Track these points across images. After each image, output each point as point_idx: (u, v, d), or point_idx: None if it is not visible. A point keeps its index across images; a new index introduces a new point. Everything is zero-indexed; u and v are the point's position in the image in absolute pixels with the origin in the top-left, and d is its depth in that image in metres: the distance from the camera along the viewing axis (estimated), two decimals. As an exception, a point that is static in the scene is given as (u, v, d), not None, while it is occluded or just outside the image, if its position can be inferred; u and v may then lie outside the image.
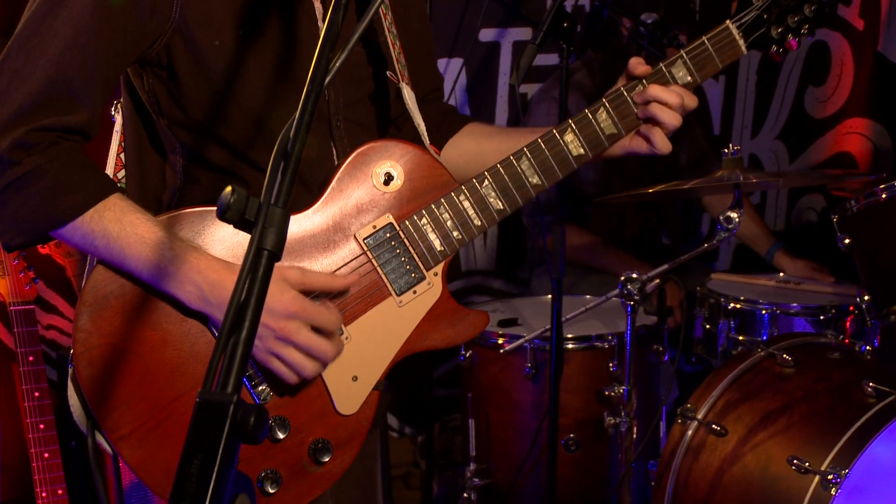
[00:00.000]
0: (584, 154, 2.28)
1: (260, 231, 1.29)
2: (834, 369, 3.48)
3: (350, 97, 2.27)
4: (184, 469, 1.20)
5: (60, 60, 1.97)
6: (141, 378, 2.05)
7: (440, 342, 2.25)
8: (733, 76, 6.17)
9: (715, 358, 4.49)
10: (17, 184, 1.96)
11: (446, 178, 2.26)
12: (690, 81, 2.30)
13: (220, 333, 1.27)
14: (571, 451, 3.97)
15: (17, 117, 1.96)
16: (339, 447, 2.16)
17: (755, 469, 3.28)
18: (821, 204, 6.37)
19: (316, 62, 1.40)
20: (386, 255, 2.19)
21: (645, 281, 3.56)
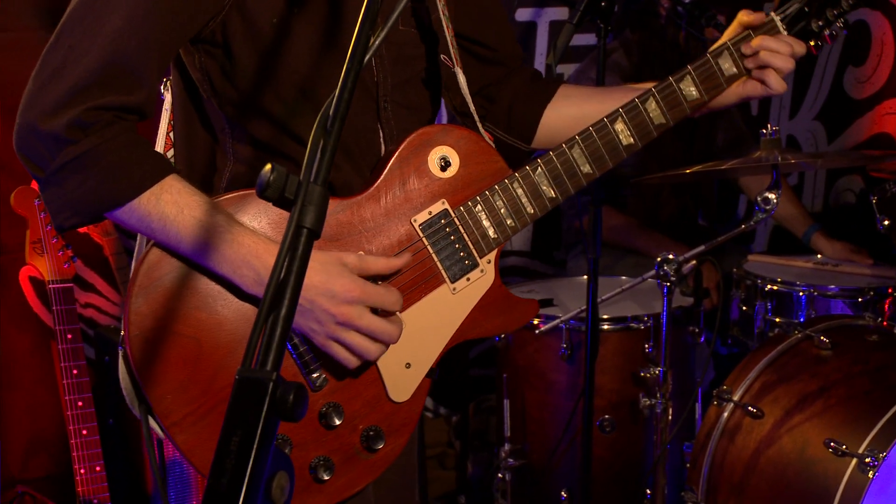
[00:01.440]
0: (633, 143, 2.30)
1: (300, 209, 1.29)
2: (872, 352, 3.45)
3: (398, 78, 2.23)
4: (223, 446, 1.21)
5: (119, 37, 1.93)
6: (195, 362, 2.02)
7: (491, 330, 2.25)
8: (771, 56, 6.10)
9: (751, 340, 4.46)
10: (74, 164, 1.92)
11: (500, 164, 2.24)
12: (736, 73, 2.34)
13: (260, 311, 1.27)
14: (606, 432, 3.96)
15: (74, 95, 1.91)
16: (390, 434, 2.14)
17: (791, 451, 3.26)
18: (859, 185, 6.31)
19: (356, 39, 1.40)
20: (441, 242, 2.18)
21: (681, 262, 3.54)
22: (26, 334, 4.32)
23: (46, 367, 4.21)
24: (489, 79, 2.53)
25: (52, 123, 1.91)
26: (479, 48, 2.49)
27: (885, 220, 3.90)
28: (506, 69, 2.54)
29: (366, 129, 2.20)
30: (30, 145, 1.95)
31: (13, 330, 4.29)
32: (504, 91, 2.53)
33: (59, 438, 4.04)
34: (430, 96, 2.33)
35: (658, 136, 2.33)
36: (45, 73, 1.95)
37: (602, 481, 3.99)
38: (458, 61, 2.30)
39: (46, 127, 1.91)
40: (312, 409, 2.08)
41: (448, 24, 2.27)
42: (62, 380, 3.73)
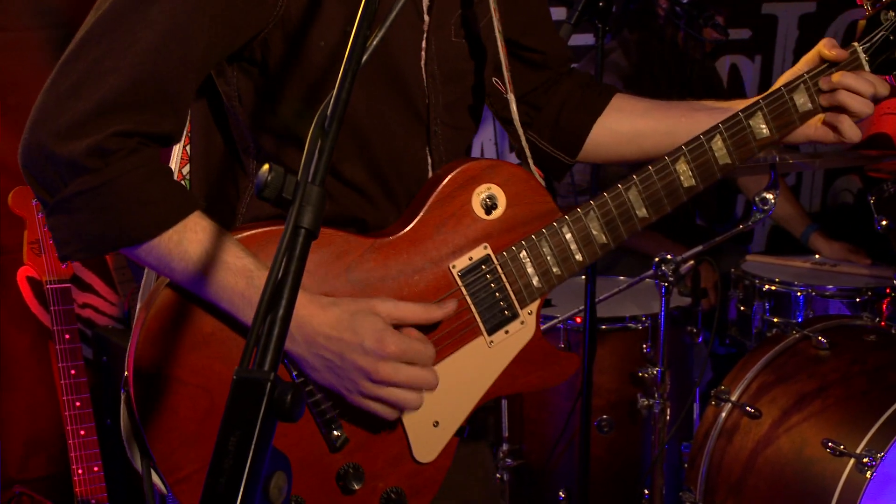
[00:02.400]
0: (694, 185, 2.08)
1: (297, 209, 1.29)
2: (870, 352, 3.46)
3: (449, 97, 2.04)
4: (221, 446, 1.20)
5: (154, 55, 1.72)
6: (206, 415, 1.84)
7: (528, 386, 2.05)
8: (769, 56, 6.12)
9: (749, 340, 4.47)
10: (89, 195, 1.71)
11: (550, 206, 2.04)
12: (811, 109, 2.13)
13: (257, 311, 1.26)
14: (604, 432, 3.96)
15: (98, 117, 1.70)
16: (412, 497, 1.98)
17: (789, 451, 3.26)
18: (857, 185, 6.32)
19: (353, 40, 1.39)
20: (481, 292, 1.98)
21: (679, 262, 3.55)
22: (24, 335, 4.32)
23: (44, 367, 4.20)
24: (535, 84, 2.35)
25: (69, 147, 1.69)
26: (525, 52, 2.31)
27: (882, 220, 3.90)
28: (554, 73, 2.36)
29: (413, 156, 2.04)
30: (39, 166, 1.73)
31: (12, 330, 4.29)
32: (552, 98, 2.34)
33: (57, 438, 4.04)
34: (474, 113, 2.16)
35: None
36: (63, 86, 1.73)
37: (600, 481, 3.99)
38: (510, 85, 2.13)
39: (62, 151, 1.70)
40: (330, 470, 1.92)
41: (499, 30, 2.08)
42: (60, 380, 3.73)
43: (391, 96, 1.97)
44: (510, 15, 2.18)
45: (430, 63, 1.99)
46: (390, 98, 1.97)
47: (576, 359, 2.13)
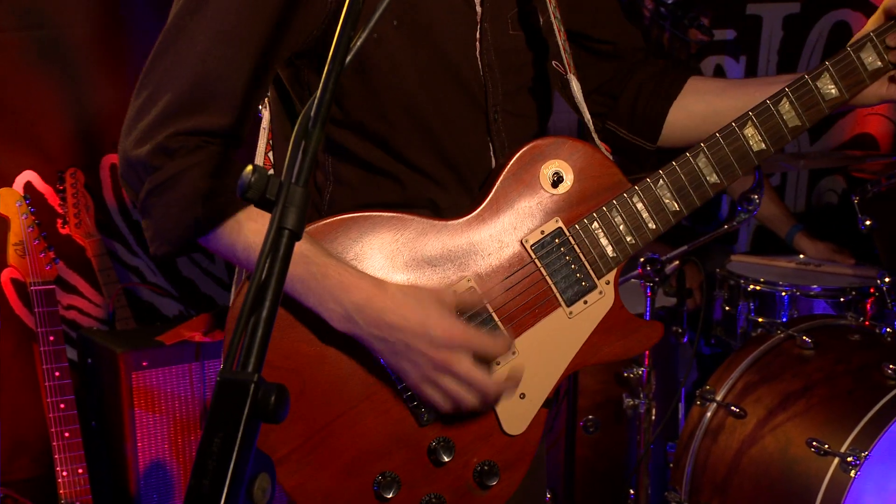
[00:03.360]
0: (765, 149, 2.10)
1: (280, 210, 1.28)
2: (854, 351, 3.47)
3: (509, 86, 2.08)
4: (205, 447, 1.20)
5: (205, 59, 1.85)
6: (298, 396, 1.90)
7: (611, 356, 2.08)
8: (754, 56, 6.14)
9: (734, 340, 4.48)
10: (158, 190, 1.85)
11: (618, 178, 2.07)
12: (881, 66, 2.11)
13: (241, 313, 1.26)
14: (590, 432, 3.97)
15: (162, 120, 1.85)
16: (505, 470, 2.01)
17: (774, 451, 3.27)
18: (841, 185, 6.34)
19: (336, 41, 1.38)
20: (555, 263, 2.02)
21: (664, 262, 3.56)
22: (8, 337, 4.31)
23: (28, 369, 4.20)
24: (609, 74, 2.36)
25: (141, 150, 1.85)
26: (596, 44, 2.33)
27: (866, 220, 3.92)
28: (627, 62, 2.37)
29: (475, 143, 2.08)
30: (127, 173, 1.89)
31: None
32: (628, 87, 2.35)
33: (41, 440, 4.03)
34: (541, 103, 2.19)
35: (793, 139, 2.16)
36: (140, 99, 1.89)
37: (586, 481, 4.00)
38: (570, 67, 2.15)
39: (136, 154, 1.85)
40: (421, 445, 1.97)
41: (560, 27, 2.12)
42: (44, 382, 3.72)
43: (447, 84, 2.02)
44: (576, 9, 2.22)
45: (485, 53, 2.04)
46: (446, 86, 2.02)
47: (659, 326, 2.15)
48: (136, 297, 4.73)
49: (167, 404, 3.95)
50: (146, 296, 4.77)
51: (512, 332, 1.99)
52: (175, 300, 4.85)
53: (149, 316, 4.77)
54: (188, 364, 4.01)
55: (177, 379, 3.98)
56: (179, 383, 3.98)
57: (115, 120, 2.02)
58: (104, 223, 4.59)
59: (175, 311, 4.85)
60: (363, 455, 1.95)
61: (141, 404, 3.90)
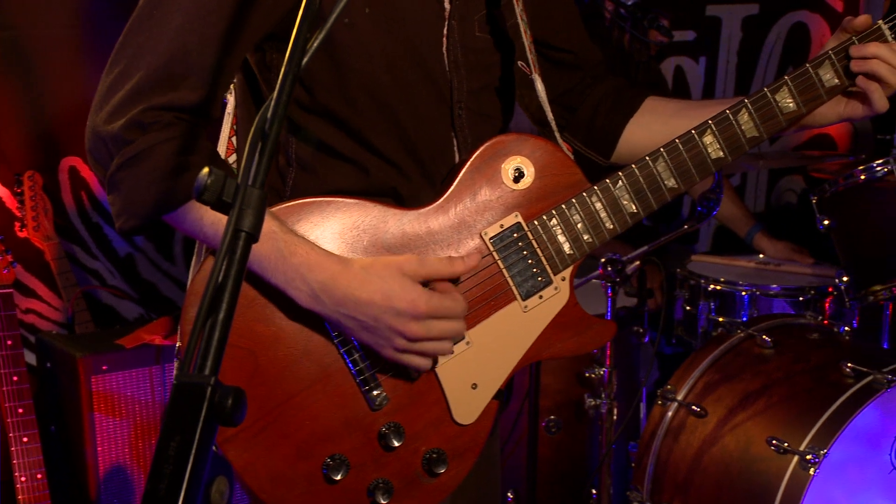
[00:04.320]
0: (723, 157, 2.14)
1: (237, 212, 1.28)
2: (813, 350, 3.49)
3: (474, 84, 2.12)
4: (161, 451, 1.19)
5: (179, 35, 1.87)
6: (251, 377, 1.92)
7: (564, 351, 2.12)
8: (714, 57, 6.18)
9: (695, 339, 4.50)
10: (129, 163, 1.86)
11: (578, 177, 2.11)
12: (838, 84, 2.16)
13: (198, 315, 1.26)
14: (552, 433, 3.97)
15: (135, 95, 1.86)
16: (454, 458, 2.04)
17: (735, 450, 3.29)
18: (800, 185, 6.39)
19: (293, 42, 1.38)
20: (512, 257, 2.05)
21: (625, 262, 3.57)
22: (-34, 341, 4.26)
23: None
24: (568, 84, 2.40)
25: (113, 125, 1.87)
26: (557, 53, 2.37)
27: (824, 219, 3.95)
28: (585, 75, 2.41)
29: (439, 136, 2.11)
30: (96, 147, 1.90)
31: (-48, 336, 4.23)
32: (587, 101, 2.40)
33: (-1, 446, 3.99)
34: (505, 104, 2.23)
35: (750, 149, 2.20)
36: (112, 75, 1.91)
37: (548, 482, 4.00)
38: (536, 67, 2.18)
39: (108, 128, 1.87)
40: (372, 430, 2.00)
41: (526, 30, 2.15)
42: (2, 386, 3.69)
43: (414, 75, 2.05)
44: (540, 16, 2.26)
45: (452, 50, 2.08)
46: (414, 77, 2.05)
47: (612, 325, 2.21)
48: (96, 301, 4.70)
49: (127, 408, 3.93)
50: (106, 299, 4.74)
51: (467, 323, 2.02)
52: (135, 303, 4.82)
53: (108, 319, 4.73)
54: (148, 367, 3.98)
55: (137, 382, 3.95)
56: (140, 387, 3.96)
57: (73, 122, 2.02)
58: (63, 226, 4.56)
59: (135, 314, 4.82)
60: (314, 437, 1.96)
61: (100, 408, 3.87)
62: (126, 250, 4.80)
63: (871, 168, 3.81)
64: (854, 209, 3.91)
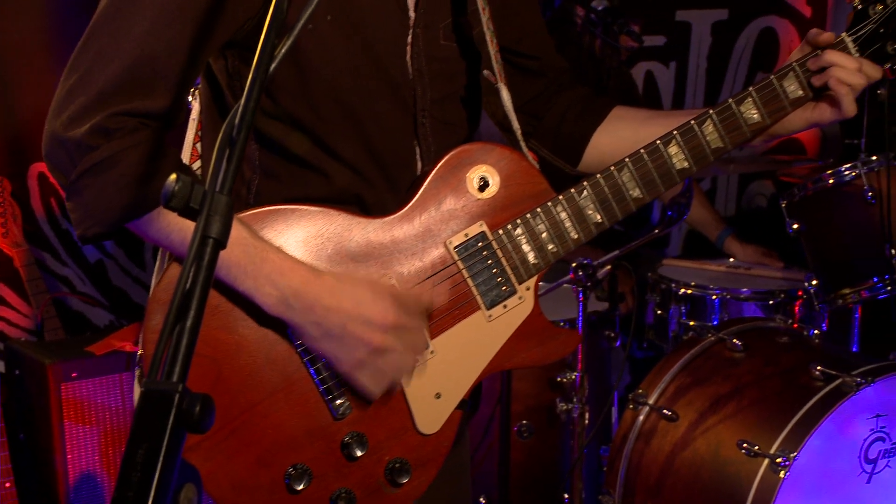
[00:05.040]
0: (688, 168, 2.14)
1: (205, 219, 1.28)
2: (783, 353, 3.51)
3: (438, 93, 2.11)
4: (129, 459, 1.19)
5: (145, 40, 1.84)
6: (213, 384, 1.91)
7: (528, 361, 2.11)
8: (684, 62, 6.21)
9: (666, 343, 4.52)
10: (94, 170, 1.83)
11: (544, 186, 2.10)
12: (802, 95, 2.16)
13: (166, 322, 1.25)
14: (524, 437, 3.98)
15: (99, 100, 1.83)
16: (417, 468, 2.03)
17: (706, 453, 3.30)
18: (770, 190, 6.43)
19: (261, 48, 1.38)
20: (477, 266, 2.04)
21: (596, 267, 3.57)
22: (-66, 348, 4.24)
23: (-45, 381, 4.13)
24: (534, 92, 2.39)
25: (76, 130, 1.83)
26: (522, 60, 2.36)
27: (794, 223, 3.97)
28: (551, 82, 2.40)
29: (403, 145, 2.10)
30: (55, 153, 1.87)
31: (-80, 344, 4.20)
32: (554, 108, 2.39)
33: (-32, 454, 3.96)
34: (469, 113, 2.22)
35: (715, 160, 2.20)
36: (73, 78, 1.87)
37: (520, 486, 4.00)
38: (501, 76, 2.16)
39: (70, 134, 1.84)
40: (334, 439, 1.98)
41: (493, 38, 2.13)
42: (-29, 394, 3.67)
43: (378, 83, 2.04)
44: (505, 23, 2.24)
45: (416, 59, 2.07)
46: (377, 85, 2.04)
47: (576, 335, 2.20)
48: (66, 307, 4.67)
49: (98, 415, 3.91)
50: (76, 305, 4.72)
51: (431, 332, 2.02)
52: (106, 310, 4.79)
53: (79, 326, 4.71)
54: (119, 374, 3.97)
55: (107, 389, 3.93)
56: (110, 394, 3.94)
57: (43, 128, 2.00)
58: (32, 233, 4.53)
59: (106, 321, 4.80)
60: (276, 446, 1.95)
61: (70, 416, 3.85)
62: (96, 257, 4.78)
63: (840, 172, 3.84)
64: (823, 213, 3.94)
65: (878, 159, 3.79)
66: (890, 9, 2.20)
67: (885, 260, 3.73)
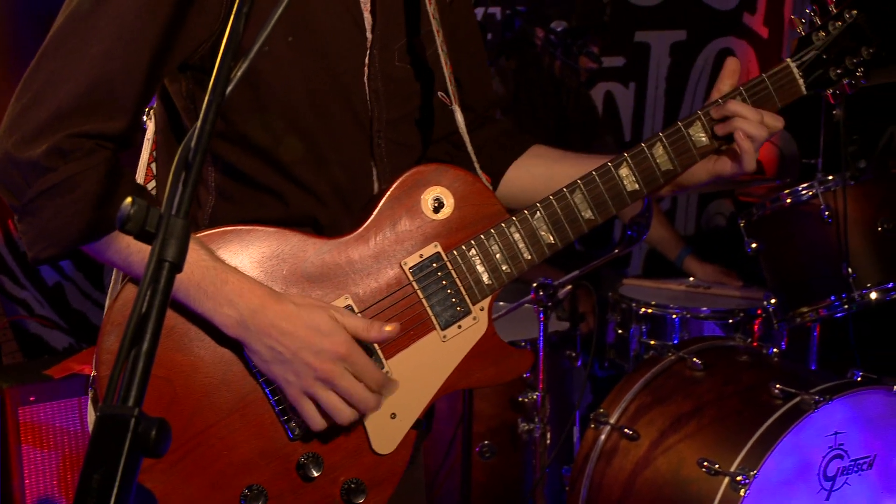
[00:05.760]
0: (638, 190, 2.17)
1: (161, 242, 1.27)
2: (742, 372, 3.53)
3: (394, 114, 2.13)
4: (84, 484, 1.18)
5: (102, 62, 1.84)
6: (168, 405, 1.90)
7: (482, 381, 2.13)
8: (643, 82, 6.25)
9: (627, 362, 4.53)
10: (51, 192, 1.82)
11: (497, 207, 2.12)
12: (706, 143, 2.19)
13: (121, 346, 1.24)
14: (486, 458, 3.97)
15: (55, 121, 1.82)
16: (372, 488, 2.03)
17: (667, 472, 3.32)
18: (729, 209, 6.47)
19: (217, 71, 1.38)
20: (432, 287, 2.06)
21: (557, 287, 3.58)
22: None
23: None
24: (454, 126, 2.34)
25: (31, 151, 1.81)
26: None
27: (752, 243, 4.00)
28: (477, 117, 2.42)
29: (359, 166, 2.11)
30: (6, 174, 1.84)
31: None
32: (474, 140, 2.35)
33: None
34: (424, 134, 2.23)
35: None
36: (25, 98, 1.85)
37: (483, 507, 4.00)
38: (455, 98, 2.19)
39: (24, 154, 1.82)
40: (290, 460, 1.98)
41: (447, 60, 2.15)
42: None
43: (335, 105, 2.05)
44: (449, 51, 2.24)
45: (373, 80, 2.08)
46: (334, 107, 2.05)
47: (530, 355, 2.21)
48: (24, 331, 4.63)
49: (56, 439, 3.87)
50: (34, 329, 4.68)
51: (386, 352, 2.02)
52: (64, 332, 4.76)
53: (37, 349, 4.67)
54: (78, 398, 3.93)
55: (66, 413, 3.90)
56: (69, 418, 3.90)
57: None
58: (-11, 255, 4.50)
59: (64, 344, 4.76)
60: (231, 467, 1.94)
61: (28, 440, 3.81)
62: (55, 279, 4.74)
63: (797, 192, 3.88)
64: (780, 232, 3.97)
65: (835, 179, 3.83)
66: (832, 36, 2.25)
67: (842, 279, 3.76)
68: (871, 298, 3.77)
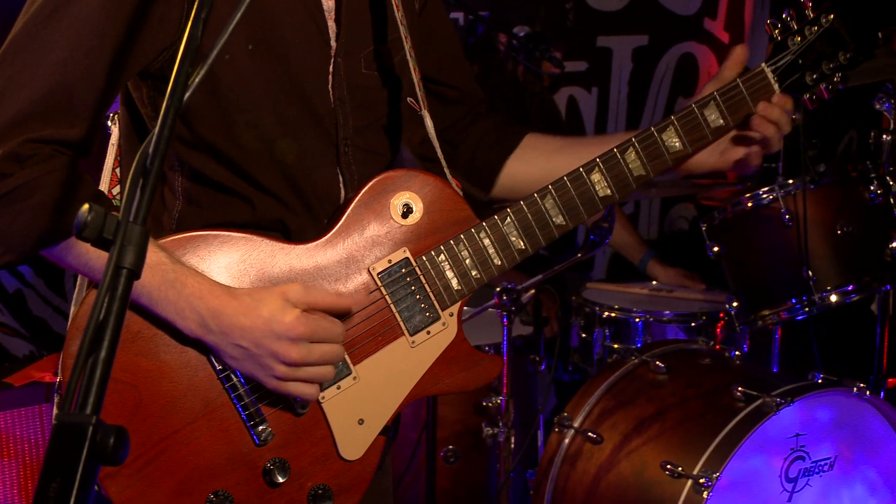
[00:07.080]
0: (610, 195, 2.16)
1: (118, 249, 1.26)
2: (705, 375, 3.55)
3: (360, 121, 2.12)
4: (41, 493, 1.17)
5: (62, 68, 1.83)
6: (134, 411, 1.89)
7: (452, 387, 2.11)
8: (605, 87, 6.28)
9: (591, 366, 4.55)
10: (7, 197, 1.81)
11: (467, 213, 2.11)
12: (723, 125, 2.22)
13: (79, 354, 1.24)
14: (450, 462, 3.97)
15: (12, 126, 1.81)
16: (339, 495, 2.02)
17: (630, 475, 3.33)
18: (692, 213, 6.51)
19: (175, 77, 1.37)
20: (400, 292, 2.05)
21: (520, 291, 3.59)
22: None
23: None
24: (451, 120, 2.42)
25: None
26: (442, 88, 2.39)
27: (714, 246, 4.02)
28: (468, 110, 2.44)
29: (325, 173, 2.10)
30: None
31: None
32: (468, 137, 2.42)
33: None
34: (392, 141, 2.22)
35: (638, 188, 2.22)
36: None
37: (447, 511, 4.00)
38: (425, 103, 2.19)
39: None
40: (257, 465, 1.97)
41: (415, 66, 2.16)
42: None
43: (299, 113, 2.04)
44: (425, 52, 2.26)
45: (338, 87, 2.08)
46: (298, 114, 2.04)
47: (499, 361, 2.21)
48: (-16, 338, 4.59)
49: (16, 448, 3.83)
50: (-6, 336, 4.64)
51: (354, 357, 2.02)
52: (25, 340, 4.72)
53: (-3, 357, 4.63)
54: (38, 406, 3.89)
55: (27, 422, 3.86)
56: (29, 426, 3.86)
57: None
58: (-51, 262, 4.45)
59: (25, 351, 4.72)
60: (197, 473, 1.94)
61: (-12, 449, 3.77)
62: (15, 286, 4.70)
63: (758, 195, 3.90)
64: (742, 235, 3.99)
65: (795, 183, 3.85)
66: (808, 41, 2.26)
67: (802, 282, 3.79)
68: (832, 301, 3.79)
